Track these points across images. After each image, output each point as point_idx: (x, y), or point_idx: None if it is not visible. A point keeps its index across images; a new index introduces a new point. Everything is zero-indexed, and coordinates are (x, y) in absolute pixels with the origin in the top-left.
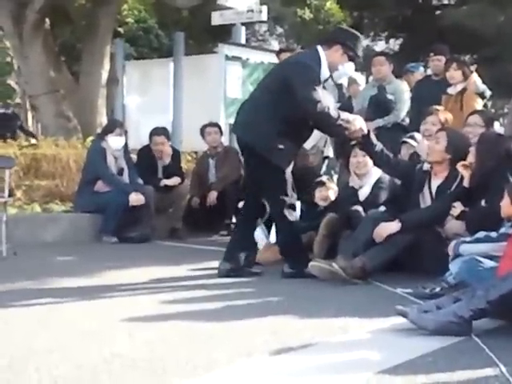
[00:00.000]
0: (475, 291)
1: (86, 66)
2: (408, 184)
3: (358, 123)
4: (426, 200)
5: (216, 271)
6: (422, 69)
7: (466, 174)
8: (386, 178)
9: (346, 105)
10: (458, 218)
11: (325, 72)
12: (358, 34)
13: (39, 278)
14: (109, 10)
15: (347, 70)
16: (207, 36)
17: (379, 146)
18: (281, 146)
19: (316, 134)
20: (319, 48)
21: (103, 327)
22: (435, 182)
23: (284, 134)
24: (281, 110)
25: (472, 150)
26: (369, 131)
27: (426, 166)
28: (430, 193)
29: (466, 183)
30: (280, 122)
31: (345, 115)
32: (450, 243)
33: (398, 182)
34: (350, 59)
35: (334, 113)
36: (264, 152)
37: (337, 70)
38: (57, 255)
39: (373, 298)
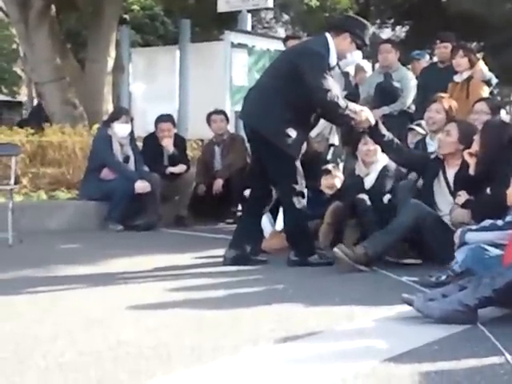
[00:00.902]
0: (481, 279)
1: (91, 53)
2: (421, 174)
3: (364, 114)
4: (443, 190)
5: (222, 259)
6: (427, 56)
7: (471, 161)
8: (392, 166)
9: (352, 92)
10: (463, 206)
11: (333, 59)
12: (366, 22)
13: (45, 266)
14: None
15: (355, 58)
16: (213, 23)
17: (389, 135)
18: (291, 134)
19: (321, 122)
20: (328, 35)
21: (109, 314)
22: (451, 172)
23: (293, 122)
24: (290, 98)
25: (476, 137)
26: (377, 122)
27: (438, 155)
28: (447, 183)
29: (471, 171)
30: (289, 109)
31: (352, 105)
32: (455, 231)
33: (404, 170)
34: (358, 48)
35: (342, 102)
36: (275, 140)
37: (345, 58)
38: (62, 243)
39: (378, 287)
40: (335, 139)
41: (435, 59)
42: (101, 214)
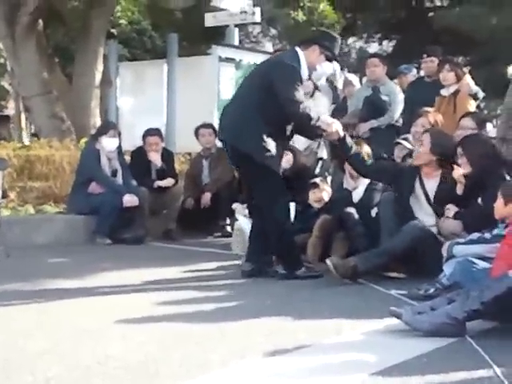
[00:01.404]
0: (469, 292)
1: (79, 67)
2: (397, 186)
3: (335, 126)
4: (421, 203)
5: (210, 272)
6: (414, 70)
7: (461, 180)
8: None
9: (340, 106)
10: (455, 217)
11: (304, 72)
12: (336, 35)
13: (33, 280)
14: (102, 12)
15: (325, 70)
16: (201, 37)
17: (354, 149)
18: (270, 148)
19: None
20: (298, 49)
21: (97, 328)
22: (430, 185)
23: (271, 135)
24: (265, 111)
25: (461, 155)
26: (345, 135)
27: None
28: (425, 193)
29: (459, 190)
30: (265, 122)
31: (324, 117)
32: (444, 243)
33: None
34: (328, 59)
35: (314, 114)
36: (255, 155)
37: (315, 69)
38: (50, 257)
39: (367, 300)
40: (323, 153)
41: (422, 73)
42: (89, 228)
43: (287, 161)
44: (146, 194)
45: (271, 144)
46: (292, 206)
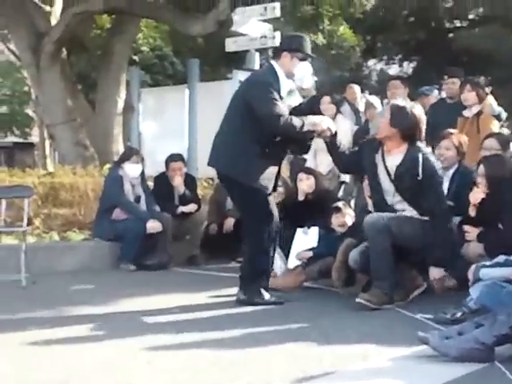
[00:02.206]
0: (497, 316)
1: (101, 94)
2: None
3: (324, 124)
4: (382, 180)
5: (233, 298)
6: (436, 92)
7: (474, 203)
8: None
9: (362, 128)
10: (479, 239)
11: (285, 83)
12: (301, 34)
13: (58, 307)
14: (124, 39)
15: (302, 71)
16: (221, 62)
17: (343, 147)
18: (259, 169)
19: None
20: (273, 62)
21: (122, 355)
22: (391, 160)
23: (259, 156)
24: (248, 132)
25: (481, 173)
26: (336, 132)
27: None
28: (387, 172)
29: (471, 212)
30: (252, 144)
31: (310, 119)
32: (470, 267)
33: None
34: (302, 60)
35: (297, 121)
36: (245, 179)
37: (293, 75)
38: (75, 284)
39: (393, 324)
40: (346, 176)
41: (444, 95)
42: (113, 254)
43: (309, 185)
44: (169, 219)
45: (259, 164)
46: (315, 230)
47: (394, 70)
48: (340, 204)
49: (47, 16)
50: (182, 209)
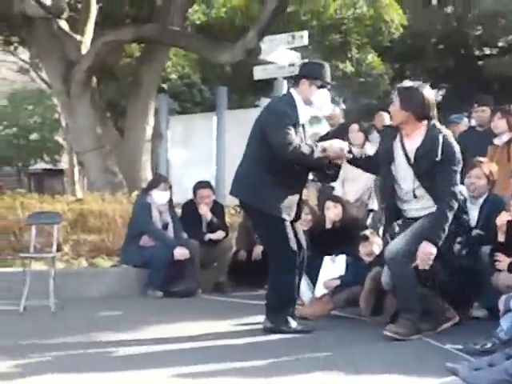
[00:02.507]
0: None
1: (130, 121)
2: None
3: (335, 147)
4: (400, 166)
5: (261, 326)
6: (466, 120)
7: (502, 228)
8: None
9: None
10: (509, 270)
11: (304, 111)
12: (321, 61)
13: (86, 333)
14: (153, 68)
15: (321, 98)
16: (249, 90)
17: (362, 155)
18: (278, 196)
19: (360, 187)
20: (291, 90)
21: (147, 382)
22: (411, 144)
23: (277, 184)
24: (266, 159)
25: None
26: (350, 148)
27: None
28: (407, 156)
29: (500, 238)
30: (270, 172)
31: (320, 145)
32: (501, 297)
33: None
34: (320, 87)
35: (306, 148)
36: (264, 207)
37: (311, 102)
38: (103, 310)
39: (422, 354)
40: (374, 204)
41: (473, 123)
42: (141, 281)
43: (336, 213)
44: (196, 246)
45: (278, 192)
46: (343, 258)
47: None
48: (368, 232)
49: (78, 45)
50: (209, 236)
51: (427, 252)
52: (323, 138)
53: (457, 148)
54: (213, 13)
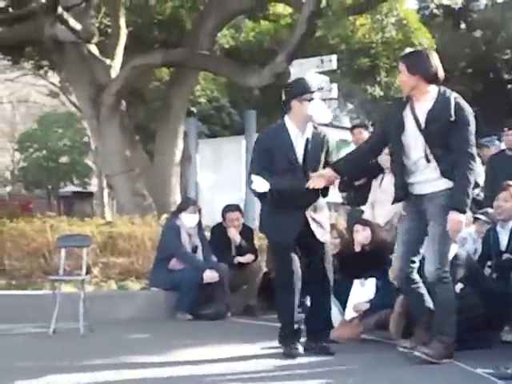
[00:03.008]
0: None
1: (160, 145)
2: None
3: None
4: (410, 134)
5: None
6: (497, 142)
7: None
8: (463, 254)
9: None
10: None
11: (297, 134)
12: (300, 78)
13: (114, 356)
14: (182, 91)
15: (316, 110)
16: (278, 113)
17: (344, 170)
18: (269, 220)
19: (390, 211)
20: (285, 117)
21: None
22: (422, 107)
23: (270, 208)
24: None
25: None
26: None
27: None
28: (417, 122)
29: None
30: (264, 200)
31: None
32: None
33: (475, 257)
34: (309, 100)
35: (258, 181)
36: (261, 230)
37: (310, 118)
38: (132, 332)
39: (452, 379)
40: None
41: (503, 146)
42: (170, 304)
43: (365, 236)
44: (225, 269)
45: (271, 216)
46: (372, 281)
47: None
48: None
49: (107, 69)
50: (238, 259)
51: (456, 221)
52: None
53: (469, 110)
54: (241, 37)
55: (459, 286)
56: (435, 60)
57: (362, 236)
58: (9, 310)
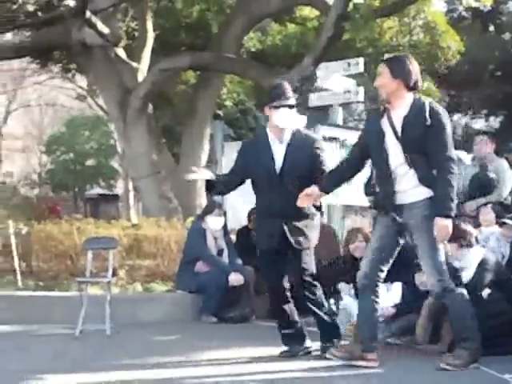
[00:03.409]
0: None
1: (186, 147)
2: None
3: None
4: (388, 141)
5: (315, 352)
6: None
7: None
8: (491, 259)
9: None
10: None
11: (275, 142)
12: (277, 84)
13: (140, 357)
14: (209, 94)
15: (280, 117)
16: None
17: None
18: (256, 228)
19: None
20: (267, 124)
21: None
22: (398, 114)
23: (258, 217)
24: None
25: None
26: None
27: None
28: (394, 129)
29: None
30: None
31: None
32: None
33: (503, 262)
34: (276, 108)
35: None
36: None
37: (277, 126)
38: (158, 334)
39: None
40: None
41: None
42: (195, 306)
43: None
44: (251, 272)
45: (257, 224)
46: (398, 286)
47: (479, 124)
48: None
49: (134, 72)
50: None
51: (443, 227)
52: None
53: (445, 113)
54: (268, 40)
55: (487, 292)
56: (416, 68)
57: None
58: (36, 310)
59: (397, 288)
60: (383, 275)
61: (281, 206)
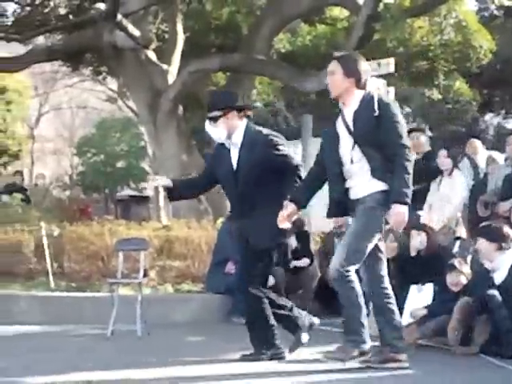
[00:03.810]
0: None
1: None
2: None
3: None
4: (342, 139)
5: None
6: None
7: None
8: None
9: (479, 183)
10: None
11: (231, 145)
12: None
13: (171, 358)
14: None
15: (208, 128)
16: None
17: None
18: None
19: (447, 214)
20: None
21: None
22: (350, 110)
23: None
24: None
25: None
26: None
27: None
28: (346, 124)
29: None
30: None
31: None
32: None
33: None
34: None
35: None
36: None
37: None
38: (188, 335)
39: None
40: (462, 231)
41: None
42: (225, 307)
43: (420, 241)
44: (281, 273)
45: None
46: (429, 287)
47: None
48: (456, 262)
49: (165, 74)
50: (294, 263)
51: (399, 213)
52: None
53: (394, 104)
54: (298, 41)
55: None
56: (366, 67)
57: (416, 241)
58: (68, 311)
59: (428, 289)
60: (353, 268)
61: (240, 208)
